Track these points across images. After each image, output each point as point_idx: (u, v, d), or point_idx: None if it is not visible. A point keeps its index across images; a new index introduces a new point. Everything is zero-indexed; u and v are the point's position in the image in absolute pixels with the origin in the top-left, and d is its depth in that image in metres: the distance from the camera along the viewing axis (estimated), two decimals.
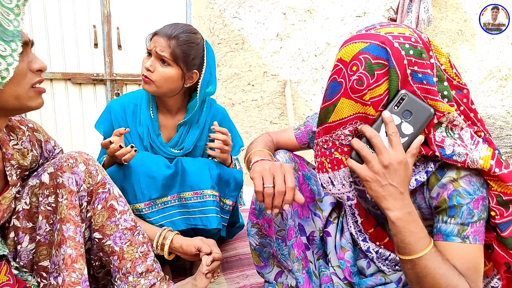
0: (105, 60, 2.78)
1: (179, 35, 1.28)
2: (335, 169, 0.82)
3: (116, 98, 1.44)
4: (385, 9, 3.26)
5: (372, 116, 0.75)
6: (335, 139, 0.80)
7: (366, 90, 0.73)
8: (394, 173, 0.72)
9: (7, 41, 0.73)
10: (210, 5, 2.90)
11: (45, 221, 0.95)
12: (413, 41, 0.72)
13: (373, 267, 0.99)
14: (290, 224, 0.95)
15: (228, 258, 1.59)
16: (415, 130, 0.75)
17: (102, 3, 2.71)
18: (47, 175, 0.94)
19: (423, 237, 0.74)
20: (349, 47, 0.74)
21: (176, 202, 1.26)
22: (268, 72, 3.10)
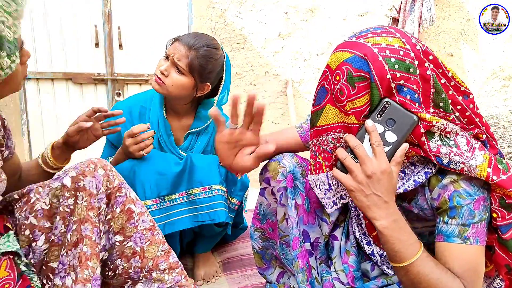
0: (106, 60, 2.77)
1: (200, 48, 1.28)
2: (317, 172, 0.83)
3: (121, 101, 1.45)
4: (388, 8, 3.25)
5: (354, 125, 0.75)
6: (320, 143, 0.81)
7: (345, 101, 0.73)
8: (377, 183, 0.72)
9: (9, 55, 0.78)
10: (212, 4, 2.89)
11: (61, 222, 0.98)
12: (401, 55, 0.71)
13: (377, 270, 0.99)
14: (295, 234, 0.94)
15: (229, 259, 1.58)
16: (399, 138, 0.74)
17: (103, 3, 2.70)
18: (69, 178, 0.98)
19: (412, 244, 0.74)
20: (336, 55, 0.75)
21: (185, 200, 1.28)
22: (270, 72, 3.09)
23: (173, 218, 1.25)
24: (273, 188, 0.98)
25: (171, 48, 1.29)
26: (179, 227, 1.24)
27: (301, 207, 0.98)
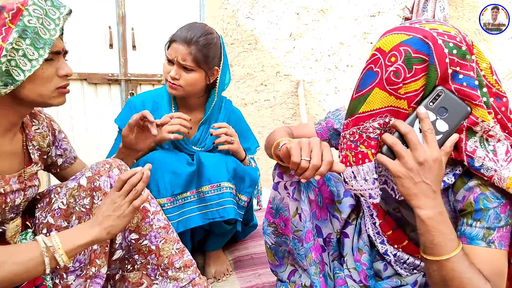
0: (120, 61, 2.82)
1: (198, 40, 1.29)
2: (359, 163, 0.79)
3: (135, 96, 1.48)
4: (400, 8, 3.22)
5: (404, 111, 0.73)
6: (363, 131, 0.78)
7: (401, 83, 0.71)
8: (428, 171, 0.70)
9: (37, 47, 0.82)
10: (223, 5, 2.91)
11: (77, 222, 1.00)
12: (458, 41, 0.70)
13: (390, 270, 0.98)
14: (308, 227, 0.94)
15: (240, 257, 1.59)
16: (450, 128, 0.72)
17: (117, 4, 2.75)
18: (85, 178, 1.01)
19: (452, 239, 0.72)
20: (390, 37, 0.72)
21: (195, 197, 1.29)
22: (281, 72, 3.10)
23: (185, 216, 1.27)
24: (286, 182, 0.99)
25: (171, 51, 1.30)
26: (191, 225, 1.26)
27: (313, 202, 0.99)
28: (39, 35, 0.82)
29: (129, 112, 1.40)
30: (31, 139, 1.02)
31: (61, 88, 0.91)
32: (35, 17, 0.82)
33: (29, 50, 0.81)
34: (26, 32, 0.81)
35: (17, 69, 0.81)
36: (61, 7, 0.88)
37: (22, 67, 0.81)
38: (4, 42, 0.78)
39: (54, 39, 0.85)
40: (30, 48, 0.81)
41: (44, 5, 0.85)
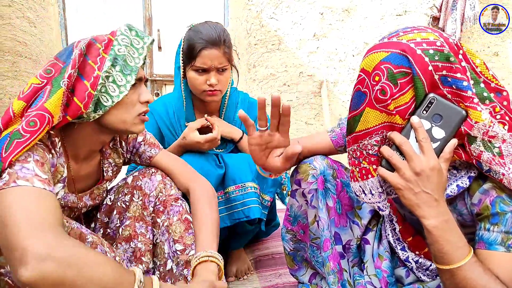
0: (146, 61, 2.89)
1: (224, 37, 1.29)
2: (364, 178, 0.81)
3: (155, 100, 1.49)
4: (428, 7, 3.15)
5: (399, 125, 0.74)
6: (363, 148, 0.79)
7: (390, 100, 0.72)
8: (427, 180, 0.70)
9: (125, 74, 0.87)
10: (247, 6, 2.93)
11: (117, 216, 1.06)
12: (438, 45, 0.70)
13: (412, 276, 0.96)
14: (326, 236, 0.93)
15: (261, 257, 1.60)
16: (447, 134, 0.72)
17: (144, 7, 2.82)
18: (132, 177, 1.07)
19: (462, 247, 0.71)
20: (371, 57, 0.74)
21: (223, 198, 1.30)
22: (304, 73, 3.09)
23: None
24: (304, 190, 0.98)
25: (205, 60, 1.26)
26: (220, 226, 1.27)
27: (332, 209, 0.98)
28: (127, 63, 0.88)
29: (152, 119, 1.43)
30: (107, 157, 1.06)
31: (141, 114, 0.94)
32: (123, 45, 0.88)
33: (118, 77, 0.86)
34: (117, 60, 0.86)
35: (106, 95, 0.86)
36: (145, 37, 0.94)
37: (111, 93, 0.86)
38: (100, 71, 0.84)
39: (139, 66, 0.90)
40: (119, 74, 0.86)
41: (130, 35, 0.91)
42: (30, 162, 0.73)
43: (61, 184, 0.90)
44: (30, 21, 2.59)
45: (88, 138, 0.93)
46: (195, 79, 1.30)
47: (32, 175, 0.71)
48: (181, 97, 1.40)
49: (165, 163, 1.14)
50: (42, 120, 0.75)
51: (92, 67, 0.84)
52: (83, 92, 0.82)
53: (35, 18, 2.59)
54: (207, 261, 0.91)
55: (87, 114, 0.85)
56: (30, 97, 0.80)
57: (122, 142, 1.11)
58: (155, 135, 1.43)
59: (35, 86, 0.81)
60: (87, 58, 0.85)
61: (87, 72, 0.84)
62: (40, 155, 0.76)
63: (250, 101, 1.51)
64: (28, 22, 2.58)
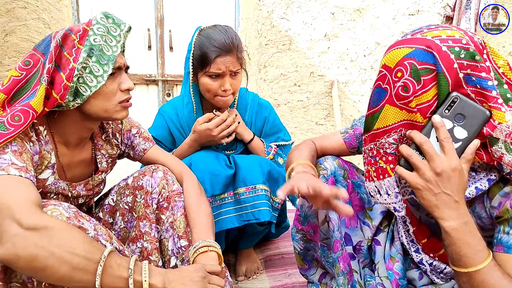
0: (158, 62, 2.91)
1: (237, 42, 1.30)
2: (380, 178, 0.79)
3: (166, 103, 1.51)
4: (441, 6, 3.11)
5: (419, 123, 0.72)
6: (380, 147, 0.78)
7: (412, 96, 0.70)
8: (447, 181, 0.68)
9: (102, 64, 0.87)
10: (258, 6, 2.93)
11: (121, 218, 1.06)
12: (464, 43, 0.68)
13: (425, 278, 0.94)
14: (336, 237, 0.92)
15: (271, 257, 1.60)
16: (470, 134, 0.70)
17: (156, 8, 2.84)
18: (132, 178, 1.07)
19: (481, 250, 0.69)
20: (394, 53, 0.72)
21: (232, 199, 1.30)
22: (315, 73, 3.08)
23: (222, 217, 1.28)
24: None
25: (220, 65, 1.26)
26: (227, 226, 1.27)
27: None
28: (103, 52, 0.88)
29: (163, 121, 1.44)
30: (99, 148, 1.07)
31: (123, 102, 0.95)
32: (99, 35, 0.88)
33: (95, 67, 0.87)
34: (93, 50, 0.87)
35: (84, 85, 0.87)
36: (121, 24, 0.94)
37: (88, 83, 0.87)
38: (76, 63, 0.85)
39: (116, 55, 0.90)
40: (95, 65, 0.87)
41: (106, 23, 0.90)
42: (7, 153, 0.77)
43: (50, 170, 0.92)
44: (45, 23, 2.63)
45: (73, 125, 0.95)
46: (209, 84, 1.30)
47: (8, 164, 0.75)
48: (190, 102, 1.40)
49: (158, 156, 1.17)
50: (26, 116, 0.79)
51: (67, 59, 0.85)
52: (59, 85, 0.84)
53: (50, 19, 2.64)
54: (206, 251, 0.92)
55: (65, 103, 0.87)
56: (10, 90, 0.83)
57: (116, 134, 1.12)
58: (166, 137, 1.44)
59: (14, 79, 0.84)
60: (63, 49, 0.86)
61: (63, 64, 0.85)
62: (19, 145, 0.80)
63: (259, 102, 1.51)
64: (43, 24, 2.63)
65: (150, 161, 1.17)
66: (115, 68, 0.91)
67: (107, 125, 1.10)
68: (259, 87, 3.03)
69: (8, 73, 0.85)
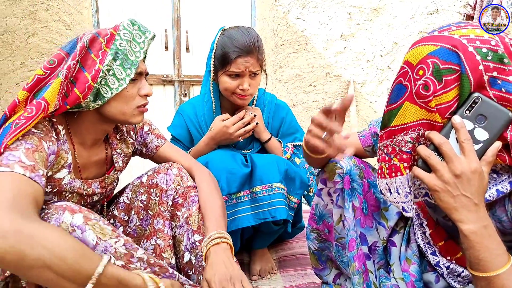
0: (174, 62, 2.95)
1: (259, 44, 1.32)
2: (392, 176, 0.78)
3: (184, 103, 1.53)
4: (461, 5, 3.04)
5: (438, 124, 0.70)
6: (395, 144, 0.76)
7: (431, 96, 0.69)
8: (467, 183, 0.67)
9: (125, 68, 0.91)
10: (274, 7, 2.93)
11: (136, 216, 1.08)
12: (492, 45, 0.65)
13: (442, 282, 0.93)
14: (351, 236, 0.92)
15: (285, 257, 1.60)
16: (491, 136, 0.68)
17: (173, 9, 2.88)
18: (146, 176, 1.09)
19: (501, 254, 0.67)
20: (417, 50, 0.70)
21: (248, 197, 1.31)
22: (331, 73, 3.06)
23: (238, 215, 1.29)
24: (330, 189, 0.97)
25: (240, 65, 1.28)
26: (244, 224, 1.28)
27: (358, 210, 0.96)
28: (127, 57, 0.92)
29: (182, 120, 1.46)
30: (114, 148, 1.10)
31: (141, 106, 0.98)
32: (125, 40, 0.92)
33: (118, 70, 0.90)
34: (118, 54, 0.90)
35: (106, 87, 0.90)
36: (146, 31, 0.98)
37: (110, 86, 0.90)
38: (102, 64, 0.88)
39: (139, 61, 0.94)
40: (119, 68, 0.90)
41: (132, 30, 0.94)
42: (19, 150, 0.77)
43: (66, 169, 0.94)
44: (66, 24, 2.70)
45: (90, 126, 0.97)
46: (228, 83, 1.32)
47: (15, 162, 0.74)
48: (210, 100, 1.42)
49: (170, 153, 1.19)
50: (38, 107, 0.80)
51: (94, 60, 0.88)
52: (84, 84, 0.86)
53: (70, 21, 2.71)
54: (219, 243, 0.93)
55: (85, 103, 0.89)
56: (33, 88, 0.85)
57: (130, 132, 1.15)
58: (185, 136, 1.46)
59: (38, 77, 0.86)
60: (90, 51, 0.89)
61: (89, 65, 0.88)
62: (34, 143, 0.80)
63: (277, 103, 1.52)
64: (64, 25, 2.70)
65: (162, 157, 1.19)
66: (136, 73, 0.94)
67: (121, 124, 1.13)
68: (274, 87, 3.03)
69: (33, 72, 0.88)
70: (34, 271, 0.64)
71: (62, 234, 0.69)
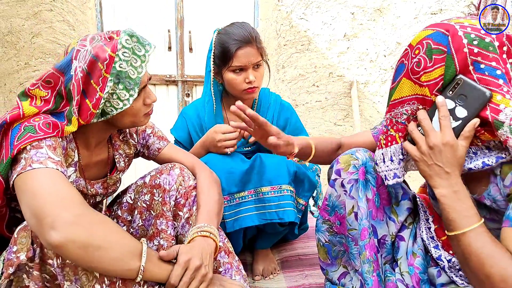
0: (177, 62, 2.95)
1: (256, 35, 1.33)
2: (388, 145, 0.88)
3: (187, 106, 1.54)
4: (465, 5, 3.03)
5: (429, 98, 0.79)
6: (393, 116, 0.86)
7: (422, 72, 0.78)
8: (439, 154, 0.77)
9: (128, 89, 0.90)
10: (277, 7, 2.93)
11: (139, 216, 1.08)
12: (482, 33, 0.73)
13: (444, 276, 0.94)
14: (364, 225, 0.94)
15: (288, 258, 1.60)
16: (469, 113, 0.76)
17: (176, 9, 2.88)
18: (149, 176, 1.09)
19: (469, 216, 0.75)
20: (419, 34, 0.81)
21: (253, 197, 1.31)
22: (334, 73, 3.05)
23: (241, 215, 1.29)
24: (344, 180, 0.98)
25: (241, 59, 1.29)
26: (247, 224, 1.27)
27: (371, 201, 0.97)
28: (129, 77, 0.90)
29: (184, 122, 1.47)
30: (117, 148, 1.11)
31: (147, 113, 1.01)
32: (124, 61, 0.88)
33: (122, 93, 0.90)
34: (119, 77, 0.89)
35: (111, 107, 0.91)
36: (146, 44, 0.93)
37: (115, 106, 0.91)
38: (102, 92, 0.88)
39: (141, 77, 0.92)
40: (122, 91, 0.90)
41: (131, 43, 0.90)
42: (43, 147, 0.80)
43: (73, 168, 0.95)
44: (70, 25, 2.71)
45: (96, 131, 0.99)
46: (234, 79, 1.32)
47: (46, 158, 0.78)
48: (211, 100, 1.42)
49: (172, 154, 1.20)
50: (55, 127, 0.84)
51: (94, 88, 0.87)
52: (86, 112, 0.88)
53: (74, 21, 2.72)
54: (207, 236, 0.93)
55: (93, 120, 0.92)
56: (42, 108, 0.87)
57: (133, 134, 1.16)
58: (186, 138, 1.47)
59: (44, 99, 0.88)
60: (90, 77, 0.87)
61: (90, 92, 0.87)
62: (52, 140, 0.83)
63: (282, 103, 1.53)
64: (68, 26, 2.71)
65: (164, 159, 1.20)
66: (140, 89, 0.94)
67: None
68: (277, 87, 3.02)
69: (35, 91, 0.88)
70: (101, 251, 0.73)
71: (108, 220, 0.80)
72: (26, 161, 0.77)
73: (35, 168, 0.76)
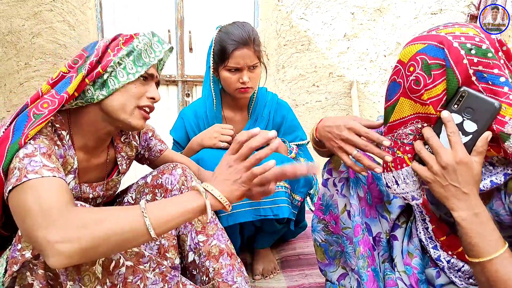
0: (177, 62, 2.95)
1: (254, 37, 1.34)
2: (398, 168, 0.82)
3: (187, 107, 1.56)
4: (465, 4, 3.03)
5: (433, 115, 0.74)
6: (397, 138, 0.81)
7: (423, 90, 0.73)
8: (453, 173, 0.71)
9: (137, 65, 0.93)
10: (277, 7, 2.93)
11: None
12: (477, 41, 0.69)
13: (443, 277, 0.93)
14: (357, 221, 0.94)
15: (287, 257, 1.60)
16: (479, 127, 0.70)
17: (176, 9, 2.89)
18: (151, 176, 1.10)
19: (493, 240, 0.70)
20: (408, 49, 0.75)
21: None
22: (334, 73, 3.05)
23: (236, 210, 1.29)
24: (335, 179, 0.99)
25: (238, 59, 1.31)
26: (241, 219, 1.28)
27: (363, 200, 0.98)
28: (141, 57, 0.94)
29: (182, 123, 1.49)
30: (119, 151, 1.10)
31: (143, 107, 0.96)
32: (142, 43, 0.95)
33: (129, 65, 0.93)
34: (132, 52, 0.93)
35: (114, 78, 0.91)
36: (165, 43, 1.01)
37: (119, 78, 0.91)
38: (114, 56, 0.91)
39: (152, 63, 0.96)
40: (130, 63, 0.93)
41: (151, 39, 0.98)
42: (37, 155, 0.77)
43: (72, 175, 0.94)
44: (70, 25, 2.72)
45: (92, 126, 0.95)
46: (229, 78, 1.35)
47: (40, 167, 0.75)
48: (211, 95, 1.44)
49: (174, 156, 1.22)
50: (60, 100, 0.85)
51: (109, 53, 0.92)
52: (93, 70, 0.90)
53: (74, 22, 2.72)
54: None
55: (91, 92, 0.90)
56: (56, 83, 0.90)
57: (135, 136, 1.16)
58: (183, 138, 1.49)
59: (62, 74, 0.90)
60: (108, 48, 0.93)
61: (104, 58, 0.92)
62: (46, 147, 0.81)
63: (278, 102, 1.55)
64: (68, 26, 2.71)
65: (166, 161, 1.20)
66: (148, 73, 0.95)
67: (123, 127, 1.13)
68: (277, 87, 3.03)
69: (59, 68, 0.93)
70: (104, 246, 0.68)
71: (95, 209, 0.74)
72: (21, 172, 0.74)
73: (31, 178, 0.72)
